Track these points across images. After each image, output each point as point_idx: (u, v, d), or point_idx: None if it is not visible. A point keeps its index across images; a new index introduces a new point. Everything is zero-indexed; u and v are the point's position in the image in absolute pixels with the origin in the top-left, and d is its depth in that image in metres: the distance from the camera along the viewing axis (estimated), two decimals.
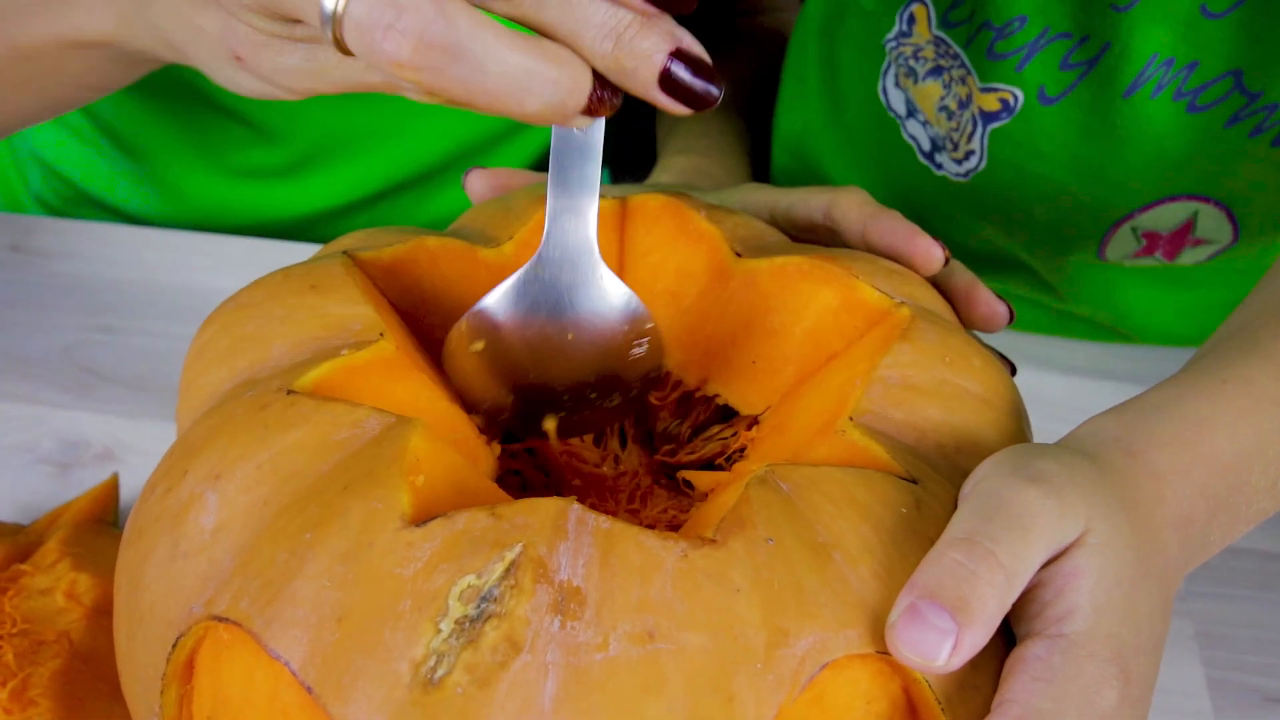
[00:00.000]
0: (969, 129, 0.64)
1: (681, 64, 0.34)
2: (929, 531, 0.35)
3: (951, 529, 0.34)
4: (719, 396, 0.46)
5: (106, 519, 0.55)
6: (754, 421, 0.45)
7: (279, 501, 0.35)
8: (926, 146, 0.67)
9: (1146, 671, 0.34)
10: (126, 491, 0.58)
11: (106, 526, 0.54)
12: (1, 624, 0.47)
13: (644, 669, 0.31)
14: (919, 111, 0.66)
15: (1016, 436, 0.40)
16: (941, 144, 0.66)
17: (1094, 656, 0.33)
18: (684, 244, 0.46)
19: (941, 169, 0.67)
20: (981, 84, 0.62)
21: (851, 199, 0.48)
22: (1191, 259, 0.66)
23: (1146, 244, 0.65)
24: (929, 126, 0.67)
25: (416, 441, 0.35)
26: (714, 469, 0.45)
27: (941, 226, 0.70)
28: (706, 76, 0.35)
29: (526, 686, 0.30)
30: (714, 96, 0.35)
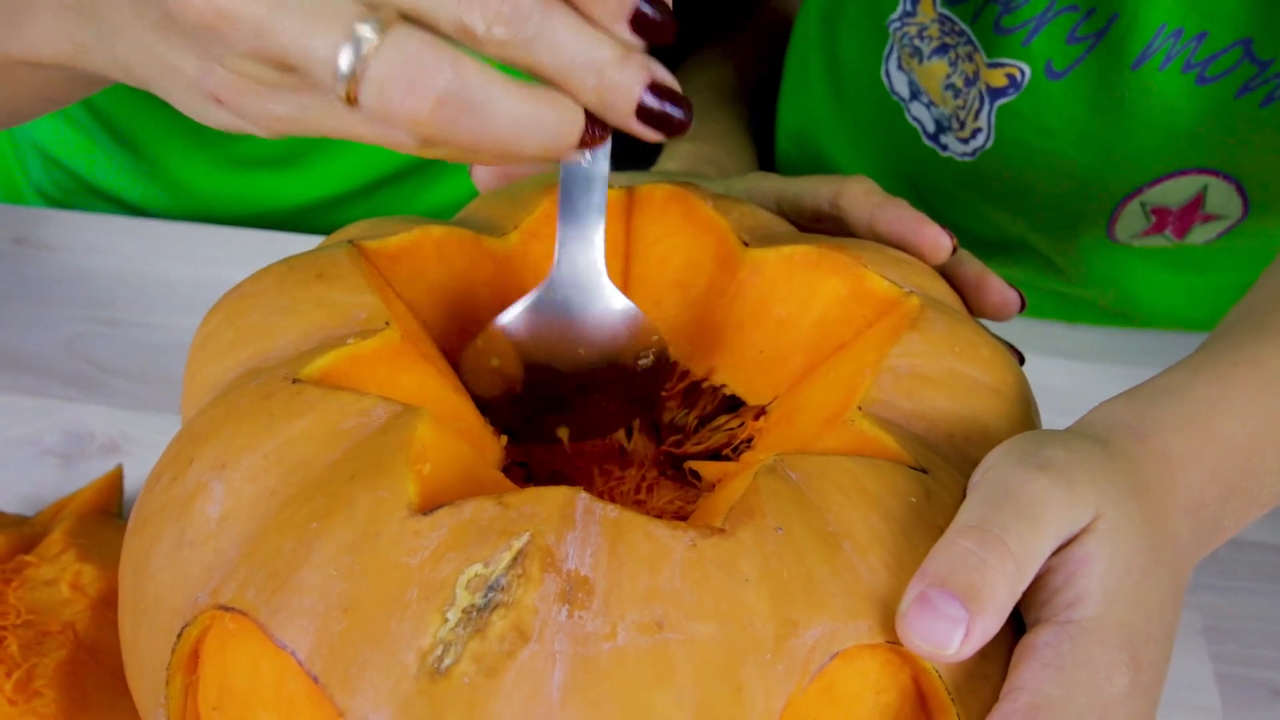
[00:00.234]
0: (976, 106, 0.63)
1: (654, 95, 0.36)
2: (939, 521, 0.34)
3: (961, 517, 0.33)
4: (726, 386, 0.46)
5: (111, 510, 0.55)
6: (761, 412, 0.44)
7: (285, 491, 0.34)
8: (931, 128, 0.67)
9: (1157, 659, 0.34)
10: (131, 483, 0.58)
11: (111, 518, 0.54)
12: (6, 615, 0.47)
13: (652, 659, 0.30)
14: (923, 93, 0.66)
15: (1025, 426, 0.40)
16: (947, 124, 0.66)
17: (1104, 643, 0.32)
18: (691, 234, 0.46)
19: (947, 150, 0.67)
20: (988, 60, 0.61)
21: (858, 188, 0.48)
22: (1202, 236, 0.65)
23: (1156, 220, 0.65)
24: (933, 108, 0.66)
25: (423, 430, 0.35)
26: (721, 459, 0.45)
27: (947, 210, 0.69)
28: (678, 104, 0.37)
29: (534, 676, 0.30)
30: (685, 123, 0.37)
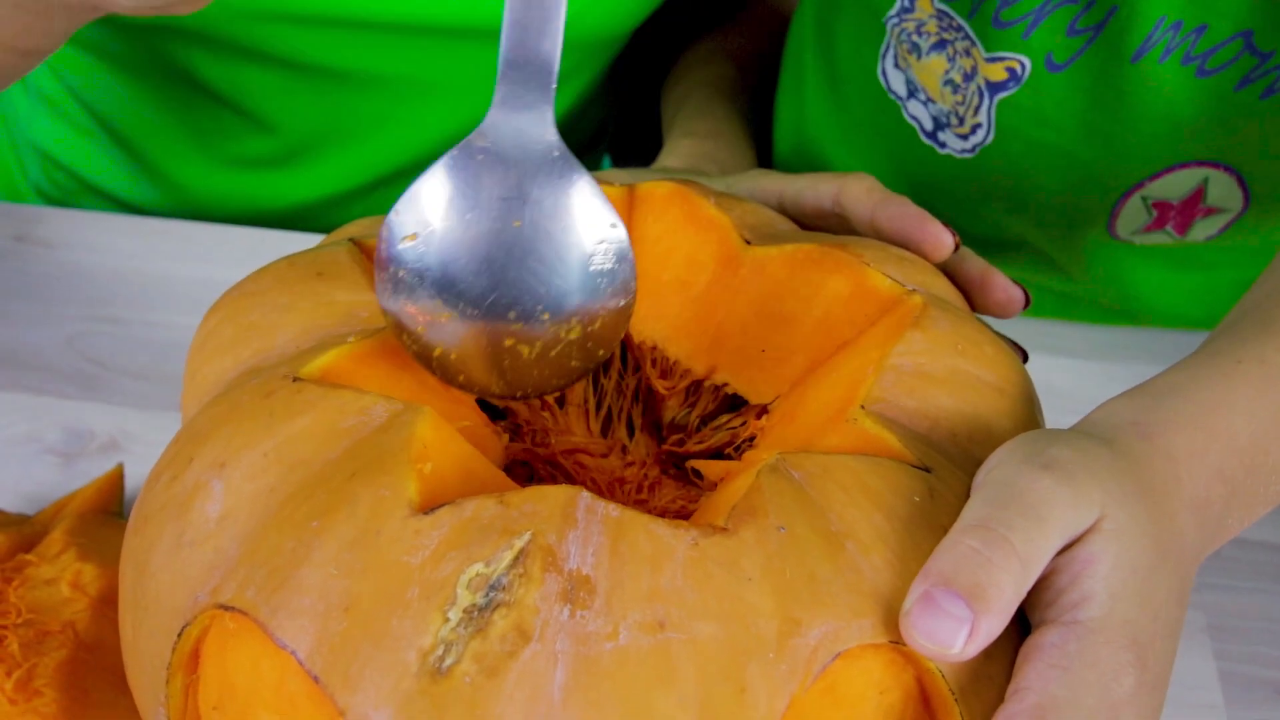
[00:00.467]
0: (975, 101, 0.63)
1: None
2: (942, 520, 0.34)
3: (965, 516, 0.33)
4: (728, 385, 0.45)
5: (111, 509, 0.55)
6: (763, 410, 0.44)
7: (285, 489, 0.34)
8: (929, 126, 0.67)
9: (1163, 657, 0.34)
10: (131, 482, 0.57)
11: (112, 517, 0.54)
12: (6, 614, 0.47)
13: (655, 658, 0.30)
14: (920, 90, 0.66)
15: (1029, 424, 0.40)
16: (945, 121, 0.66)
17: (1110, 643, 0.32)
18: (693, 232, 0.46)
19: (945, 148, 0.67)
20: (987, 54, 0.61)
21: (860, 185, 0.48)
22: (1203, 232, 0.65)
23: (1157, 215, 0.64)
24: (931, 105, 0.66)
25: (424, 429, 0.35)
26: (723, 458, 0.45)
27: (946, 209, 0.69)
28: None
29: (535, 676, 0.30)
30: None
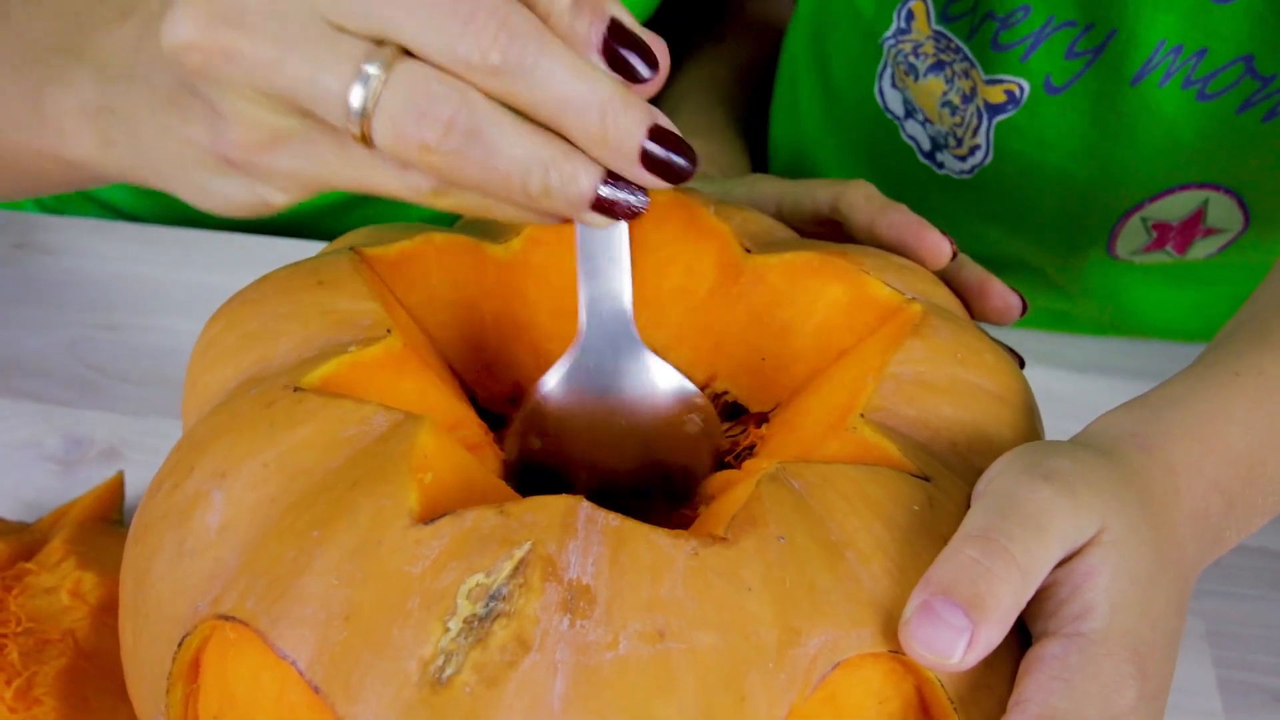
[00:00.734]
0: (974, 123, 0.63)
1: (657, 140, 0.35)
2: (942, 529, 0.34)
3: (966, 526, 0.33)
4: (728, 394, 0.45)
5: (111, 517, 0.55)
6: (763, 419, 0.44)
7: (286, 499, 0.34)
8: (927, 146, 0.67)
9: (1163, 667, 0.34)
10: (132, 489, 0.57)
11: (111, 525, 0.54)
12: (6, 623, 0.47)
13: (655, 668, 0.30)
14: (918, 110, 0.66)
15: (1029, 433, 0.40)
16: (943, 142, 0.66)
17: (1111, 655, 0.32)
18: (693, 240, 0.46)
19: (943, 168, 0.67)
20: (986, 76, 0.61)
21: (859, 192, 0.48)
22: (1203, 251, 0.65)
23: (1157, 236, 0.64)
24: (929, 125, 0.66)
25: (425, 438, 0.35)
26: (723, 467, 0.45)
27: (944, 229, 0.69)
28: (682, 152, 0.36)
29: (535, 686, 0.30)
30: (689, 170, 0.36)
